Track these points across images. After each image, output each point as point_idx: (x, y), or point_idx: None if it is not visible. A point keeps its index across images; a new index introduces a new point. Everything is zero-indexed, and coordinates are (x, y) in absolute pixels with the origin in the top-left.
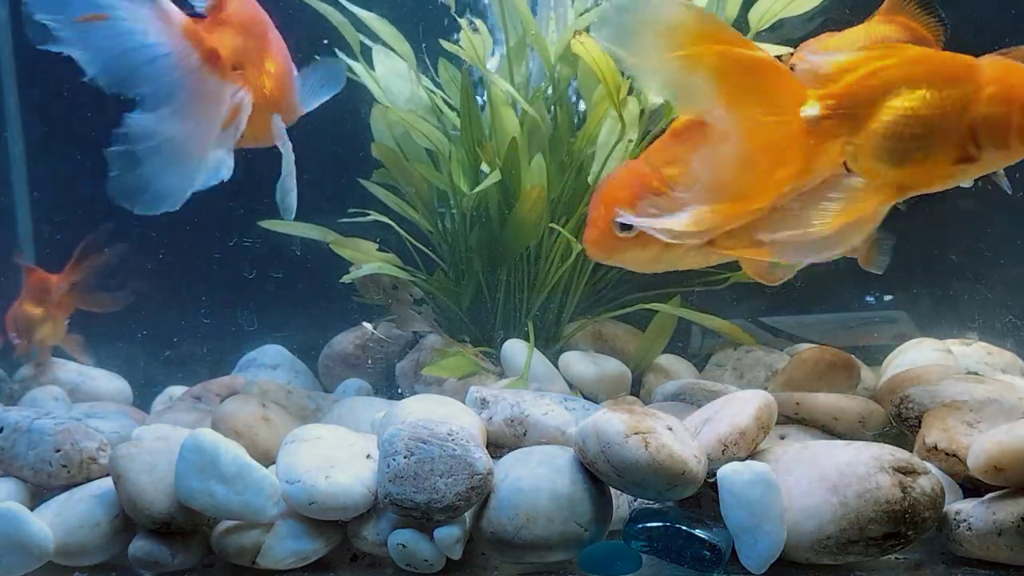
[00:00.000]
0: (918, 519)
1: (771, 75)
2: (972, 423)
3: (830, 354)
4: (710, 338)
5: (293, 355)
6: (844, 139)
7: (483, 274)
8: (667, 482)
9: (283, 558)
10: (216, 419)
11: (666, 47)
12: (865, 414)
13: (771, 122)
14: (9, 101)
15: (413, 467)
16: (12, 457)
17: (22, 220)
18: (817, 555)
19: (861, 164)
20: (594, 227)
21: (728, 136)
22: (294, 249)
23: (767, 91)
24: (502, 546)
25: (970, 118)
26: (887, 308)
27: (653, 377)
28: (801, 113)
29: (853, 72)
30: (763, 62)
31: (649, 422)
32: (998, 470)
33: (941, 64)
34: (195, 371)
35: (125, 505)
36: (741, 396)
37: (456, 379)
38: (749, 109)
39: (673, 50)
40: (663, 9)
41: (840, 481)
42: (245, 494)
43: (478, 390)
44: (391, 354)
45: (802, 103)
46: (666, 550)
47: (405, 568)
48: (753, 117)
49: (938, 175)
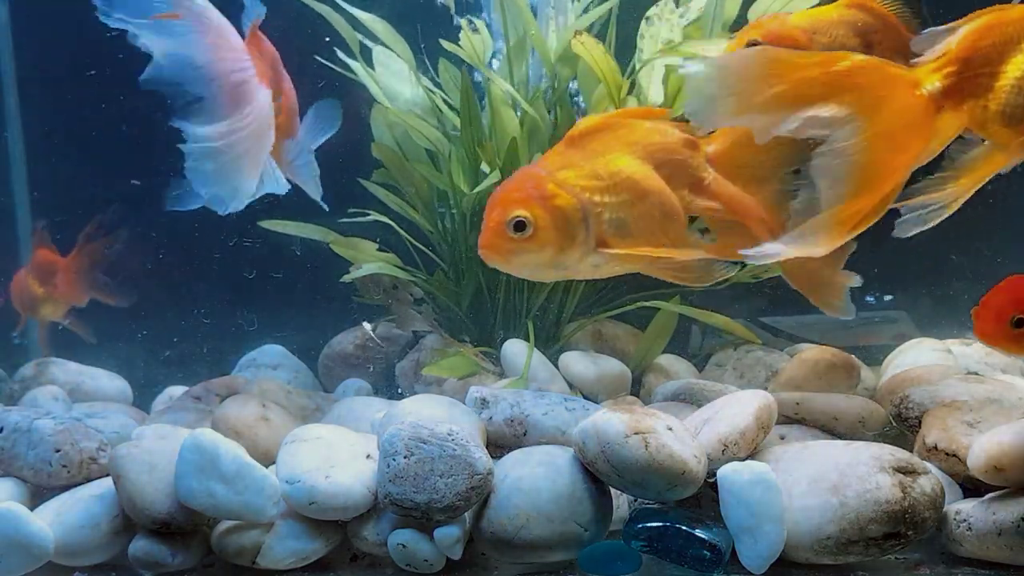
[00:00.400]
0: (918, 519)
1: (872, 71)
2: (972, 423)
3: (830, 354)
4: (710, 338)
5: (293, 355)
6: (970, 104)
7: (483, 274)
8: (667, 482)
9: (283, 558)
10: (216, 419)
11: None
12: (865, 414)
13: (895, 111)
14: (9, 101)
15: (413, 467)
16: (12, 457)
17: (22, 220)
18: (817, 555)
19: (990, 128)
20: (488, 231)
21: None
22: (294, 249)
23: (877, 86)
24: (502, 546)
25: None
26: (887, 308)
27: (653, 377)
28: (924, 90)
29: (960, 38)
30: (861, 64)
31: (649, 422)
32: (998, 470)
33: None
34: (195, 371)
35: (125, 505)
36: (741, 396)
37: (456, 379)
38: (872, 110)
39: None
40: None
41: (840, 481)
42: (245, 494)
43: (478, 390)
44: (391, 354)
45: (914, 83)
46: (666, 550)
47: (405, 568)
48: (878, 114)
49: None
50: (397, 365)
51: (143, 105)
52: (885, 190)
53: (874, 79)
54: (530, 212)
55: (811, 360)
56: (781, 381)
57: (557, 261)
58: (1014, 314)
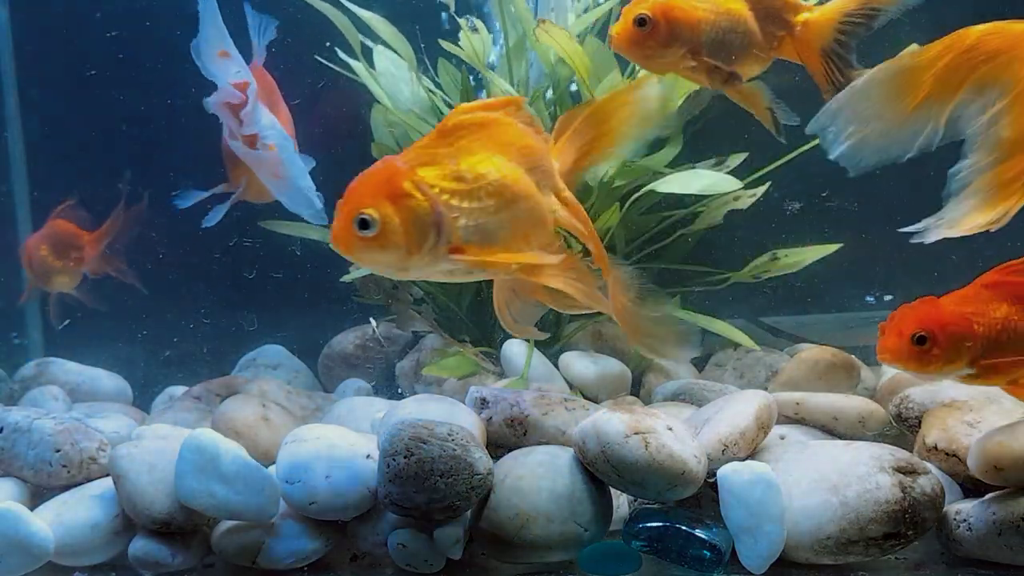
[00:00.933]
0: (918, 519)
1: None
2: (972, 423)
3: (830, 354)
4: (710, 338)
5: (293, 355)
6: None
7: None
8: (667, 482)
9: (283, 558)
10: (216, 419)
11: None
12: (865, 414)
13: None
14: (9, 101)
15: (413, 467)
16: (12, 457)
17: (22, 220)
18: (817, 555)
19: None
20: (338, 223)
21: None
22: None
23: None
24: (502, 546)
25: None
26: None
27: (653, 377)
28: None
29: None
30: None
31: (649, 422)
32: (998, 470)
33: None
34: (195, 371)
35: (125, 505)
36: (741, 396)
37: (456, 379)
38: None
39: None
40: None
41: (840, 481)
42: (245, 494)
43: (478, 390)
44: (391, 354)
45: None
46: (666, 550)
47: (405, 568)
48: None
49: None
50: (397, 365)
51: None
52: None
53: (1002, 41)
54: (378, 211)
55: (811, 360)
56: (781, 381)
57: (403, 264)
58: (915, 331)
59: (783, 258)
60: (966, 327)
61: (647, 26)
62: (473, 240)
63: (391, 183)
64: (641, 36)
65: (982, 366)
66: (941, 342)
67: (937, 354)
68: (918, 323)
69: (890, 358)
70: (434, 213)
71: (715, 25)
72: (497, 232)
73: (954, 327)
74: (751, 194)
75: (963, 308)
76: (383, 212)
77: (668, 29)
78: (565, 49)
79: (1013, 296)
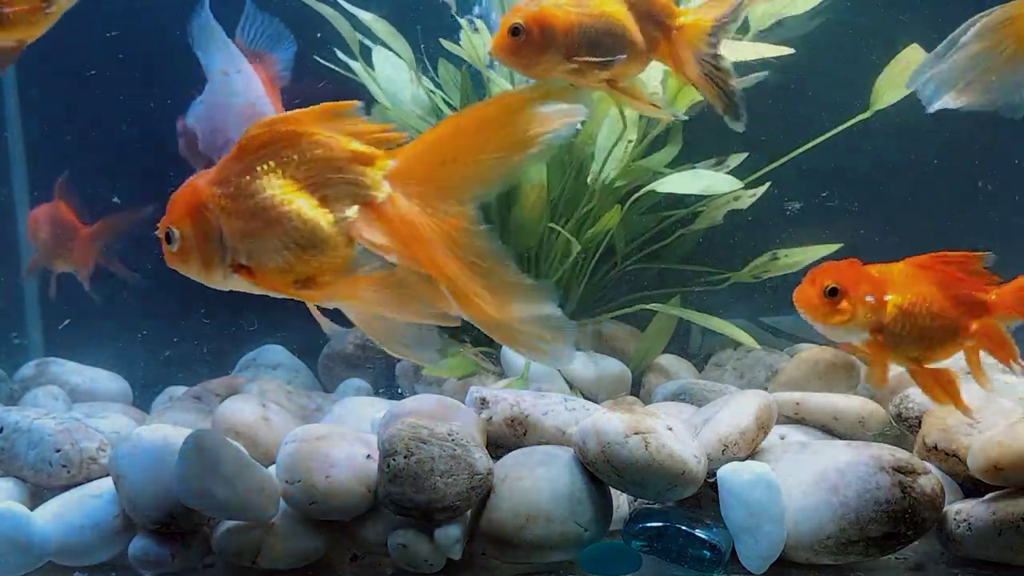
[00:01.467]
0: (918, 519)
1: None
2: (972, 423)
3: (830, 354)
4: (710, 338)
5: (293, 355)
6: None
7: None
8: (667, 482)
9: (283, 558)
10: (216, 419)
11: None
12: (865, 414)
13: None
14: (9, 101)
15: (413, 467)
16: (12, 457)
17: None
18: (817, 555)
19: None
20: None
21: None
22: None
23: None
24: (502, 546)
25: None
26: None
27: (653, 377)
28: None
29: None
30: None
31: (649, 422)
32: (998, 470)
33: None
34: (195, 371)
35: (125, 505)
36: (741, 396)
37: (456, 379)
38: None
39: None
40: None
41: (840, 481)
42: (245, 494)
43: (478, 390)
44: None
45: None
46: (666, 550)
47: (405, 568)
48: None
49: None
50: (397, 365)
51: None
52: None
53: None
54: (178, 227)
55: (811, 360)
56: (781, 381)
57: (207, 279)
58: (828, 283)
59: (783, 258)
60: (877, 291)
61: (521, 35)
62: (252, 261)
63: (189, 201)
64: (517, 45)
65: (881, 334)
66: (850, 298)
67: (844, 309)
68: (833, 276)
69: (800, 304)
70: (218, 231)
71: (590, 28)
72: (271, 253)
73: (866, 287)
74: (751, 194)
75: (883, 276)
76: (182, 228)
77: (542, 36)
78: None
79: (935, 281)
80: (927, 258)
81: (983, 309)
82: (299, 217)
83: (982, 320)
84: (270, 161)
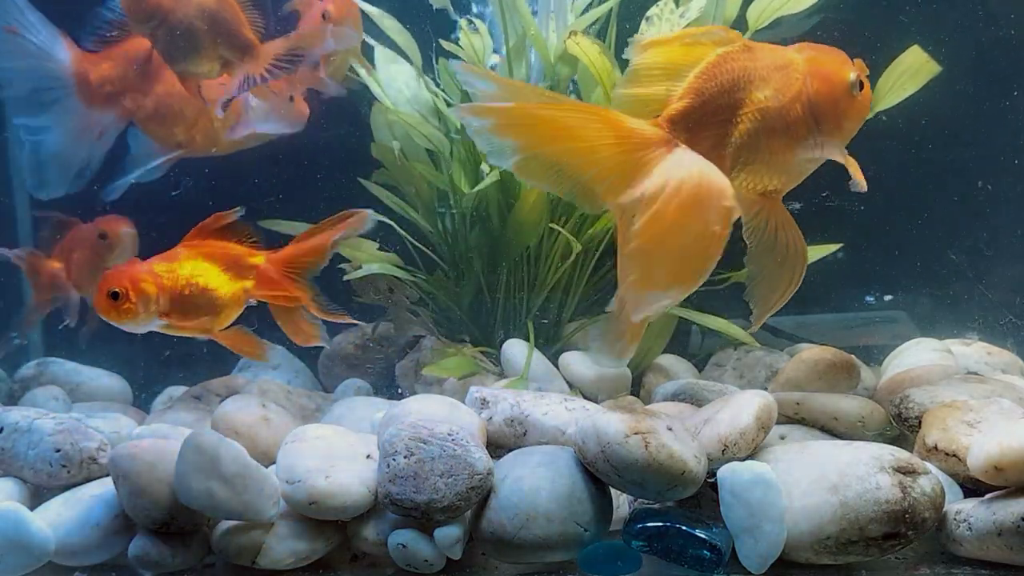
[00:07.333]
0: (918, 519)
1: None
2: (972, 423)
3: (830, 354)
4: (710, 338)
5: (293, 355)
6: None
7: (483, 274)
8: (667, 482)
9: (283, 558)
10: (216, 419)
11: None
12: (865, 414)
13: None
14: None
15: (413, 467)
16: (12, 457)
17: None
18: (817, 555)
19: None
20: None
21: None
22: None
23: None
24: (502, 546)
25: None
26: (887, 308)
27: (653, 377)
28: None
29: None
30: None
31: (649, 422)
32: (998, 470)
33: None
34: (195, 371)
35: (125, 505)
36: (741, 396)
37: (456, 379)
38: None
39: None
40: None
41: (840, 481)
42: (245, 494)
43: (478, 390)
44: (391, 354)
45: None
46: (666, 550)
47: (405, 568)
48: None
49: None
50: (397, 365)
51: None
52: None
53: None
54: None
55: (811, 360)
56: (781, 381)
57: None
58: (110, 288)
59: None
60: (153, 283)
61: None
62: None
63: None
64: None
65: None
66: (132, 297)
67: (130, 308)
68: (113, 281)
69: (99, 312)
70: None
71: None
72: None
73: (143, 283)
74: None
75: (155, 266)
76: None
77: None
78: (594, 63)
79: (208, 256)
80: (190, 235)
81: (254, 272)
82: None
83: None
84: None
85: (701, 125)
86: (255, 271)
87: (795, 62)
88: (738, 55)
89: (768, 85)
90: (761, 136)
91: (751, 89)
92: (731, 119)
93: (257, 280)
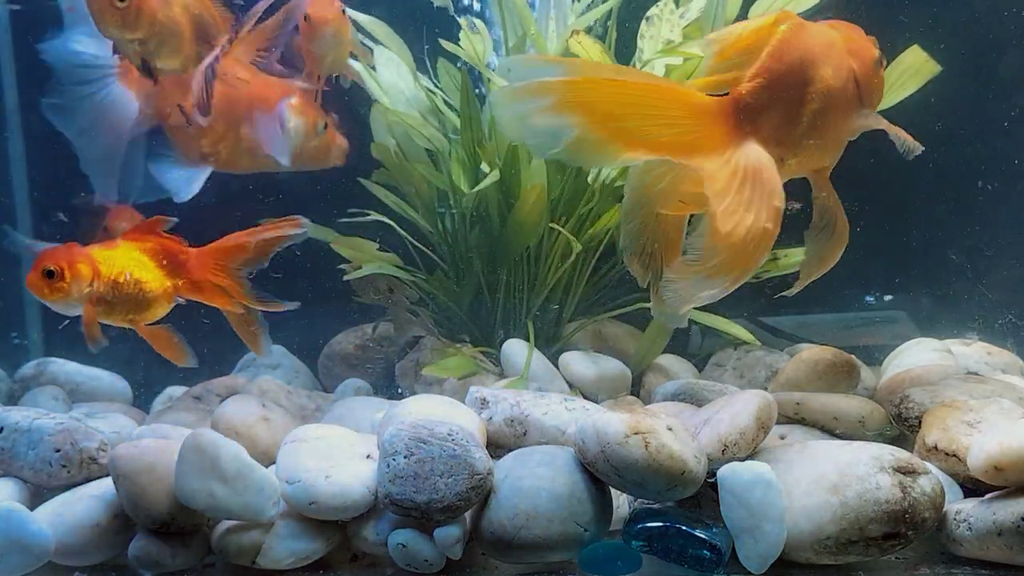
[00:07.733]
0: (918, 519)
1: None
2: (972, 423)
3: (830, 354)
4: (710, 338)
5: (293, 355)
6: None
7: (483, 274)
8: (667, 482)
9: (283, 558)
10: (216, 419)
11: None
12: (865, 414)
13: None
14: (9, 101)
15: (413, 467)
16: (12, 457)
17: (22, 220)
18: (817, 555)
19: None
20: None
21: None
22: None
23: None
24: (502, 546)
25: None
26: (887, 308)
27: (653, 377)
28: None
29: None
30: None
31: (649, 422)
32: (998, 470)
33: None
34: (195, 371)
35: (125, 505)
36: (741, 396)
37: (456, 379)
38: None
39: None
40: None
41: (840, 481)
42: (245, 494)
43: (478, 390)
44: (391, 354)
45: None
46: (666, 550)
47: (405, 568)
48: None
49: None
50: (397, 365)
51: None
52: None
53: None
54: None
55: (811, 360)
56: (781, 381)
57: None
58: (46, 265)
59: (783, 258)
60: (89, 266)
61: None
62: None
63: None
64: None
65: (97, 303)
66: (66, 276)
67: (62, 287)
68: (50, 259)
69: (30, 287)
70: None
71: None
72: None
73: (80, 264)
74: None
75: (93, 252)
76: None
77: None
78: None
79: (146, 251)
80: (135, 230)
81: (185, 269)
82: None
83: (184, 278)
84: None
85: (771, 104)
86: (186, 265)
87: (837, 40)
88: (800, 34)
89: (828, 63)
90: (828, 113)
91: (817, 67)
92: (800, 97)
93: (187, 271)
